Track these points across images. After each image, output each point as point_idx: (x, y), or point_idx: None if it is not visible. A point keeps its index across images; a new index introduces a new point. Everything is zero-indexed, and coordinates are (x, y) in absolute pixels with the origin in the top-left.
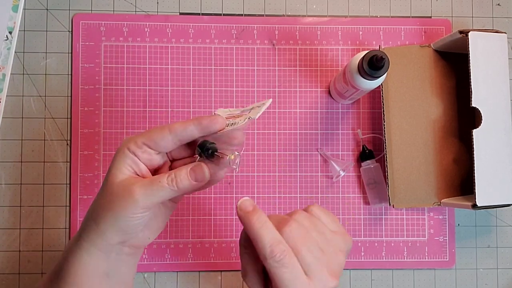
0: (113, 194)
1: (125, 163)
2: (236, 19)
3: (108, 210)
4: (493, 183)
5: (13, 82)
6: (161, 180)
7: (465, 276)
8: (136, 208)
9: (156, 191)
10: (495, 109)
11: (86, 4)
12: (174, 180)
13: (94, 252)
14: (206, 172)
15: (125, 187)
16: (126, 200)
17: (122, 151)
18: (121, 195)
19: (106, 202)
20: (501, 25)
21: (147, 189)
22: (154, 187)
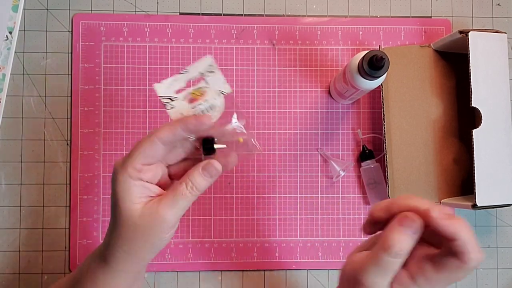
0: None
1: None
2: (236, 19)
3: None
4: (493, 183)
5: (13, 82)
6: (183, 193)
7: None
8: (169, 228)
9: (181, 204)
10: (495, 109)
11: (86, 4)
12: (193, 186)
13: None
14: (218, 167)
15: (151, 215)
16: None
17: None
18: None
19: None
20: (501, 25)
21: (173, 207)
22: (179, 201)
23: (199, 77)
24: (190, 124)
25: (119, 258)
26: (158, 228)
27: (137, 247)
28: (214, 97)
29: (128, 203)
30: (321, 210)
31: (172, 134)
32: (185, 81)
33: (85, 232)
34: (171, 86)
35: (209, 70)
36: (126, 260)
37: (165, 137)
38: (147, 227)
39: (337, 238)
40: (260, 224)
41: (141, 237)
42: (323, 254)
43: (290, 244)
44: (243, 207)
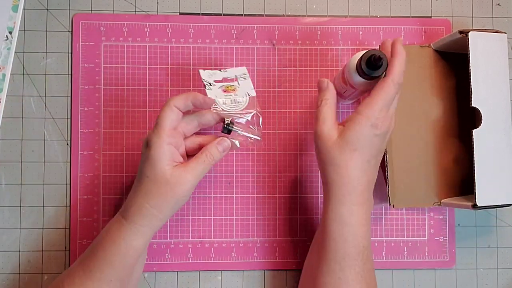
0: (171, 184)
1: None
2: (236, 19)
3: (171, 197)
4: (493, 183)
5: (13, 82)
6: (204, 160)
7: (465, 276)
8: (191, 188)
9: (202, 170)
10: (495, 109)
11: (86, 4)
12: (211, 156)
13: (149, 234)
14: (229, 143)
15: (181, 176)
16: (185, 185)
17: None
18: (179, 183)
19: (167, 192)
20: (501, 25)
21: (196, 172)
22: (200, 167)
23: (233, 78)
24: (197, 100)
25: (144, 213)
26: (184, 187)
27: (164, 202)
28: (242, 95)
29: (162, 163)
30: (321, 210)
31: (183, 102)
32: (222, 77)
33: (85, 232)
34: (211, 76)
35: (242, 76)
36: (151, 215)
37: (179, 104)
38: (177, 184)
39: None
40: (260, 224)
41: (170, 192)
42: None
43: (290, 244)
44: (243, 207)
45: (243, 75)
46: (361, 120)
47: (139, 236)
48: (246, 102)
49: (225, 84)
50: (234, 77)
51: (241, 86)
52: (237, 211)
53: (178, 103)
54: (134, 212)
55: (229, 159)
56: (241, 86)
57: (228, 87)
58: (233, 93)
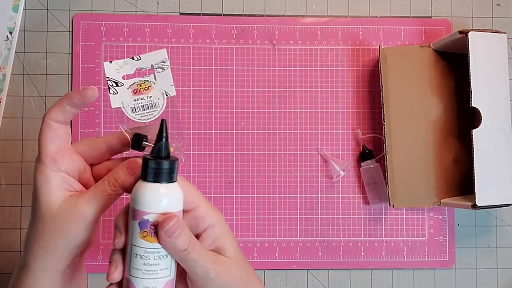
0: (58, 220)
1: (54, 184)
2: (236, 19)
3: (59, 236)
4: (493, 183)
5: (13, 82)
6: (104, 189)
7: (465, 276)
8: (88, 224)
9: (103, 201)
10: (495, 109)
11: (87, 4)
12: (116, 183)
13: (49, 277)
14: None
15: (70, 210)
16: (77, 221)
17: (42, 172)
18: (68, 219)
19: (53, 229)
20: (501, 25)
21: (93, 203)
22: (99, 197)
23: (149, 68)
24: (75, 99)
25: (36, 255)
26: (76, 223)
27: (53, 243)
28: (158, 96)
29: (47, 196)
30: (321, 210)
31: (61, 112)
32: (135, 68)
33: None
34: (121, 70)
35: (161, 66)
36: (44, 258)
37: (56, 116)
38: (65, 221)
39: (337, 238)
40: (260, 224)
41: (58, 231)
42: (323, 254)
43: (290, 244)
44: (243, 207)
45: (162, 64)
46: None
47: (39, 281)
48: (163, 105)
49: (137, 80)
50: (150, 67)
51: (158, 81)
52: (237, 211)
53: (54, 115)
54: (28, 253)
55: (229, 159)
56: (158, 82)
57: (141, 85)
58: (146, 94)
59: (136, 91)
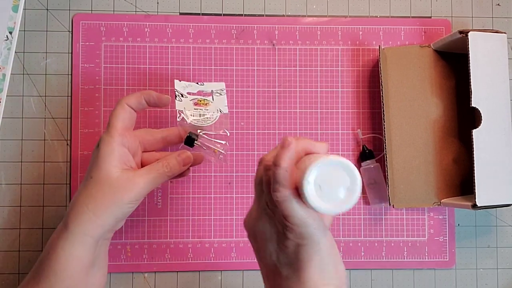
0: (115, 187)
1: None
2: (236, 19)
3: (111, 201)
4: (493, 183)
5: (13, 82)
6: (158, 168)
7: (465, 276)
8: (140, 196)
9: (155, 178)
10: (495, 109)
11: (86, 4)
12: (168, 166)
13: (89, 243)
14: (191, 157)
15: (127, 179)
16: (131, 190)
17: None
18: (124, 187)
19: (108, 195)
20: (501, 25)
21: (148, 178)
22: (153, 174)
23: (209, 92)
24: (151, 97)
25: (81, 217)
26: (129, 192)
27: (103, 205)
28: (213, 111)
29: (109, 165)
30: None
31: (136, 101)
32: (198, 89)
33: None
34: (186, 88)
35: (219, 92)
36: (89, 221)
37: (131, 102)
38: (120, 189)
39: (337, 238)
40: None
41: (112, 197)
42: None
43: None
44: (243, 207)
45: (220, 91)
46: None
47: (78, 244)
48: (215, 118)
49: (198, 97)
50: (210, 92)
51: (215, 101)
52: (237, 211)
53: (130, 101)
54: (72, 217)
55: (229, 159)
56: (215, 102)
57: (201, 101)
58: (204, 108)
59: (196, 104)
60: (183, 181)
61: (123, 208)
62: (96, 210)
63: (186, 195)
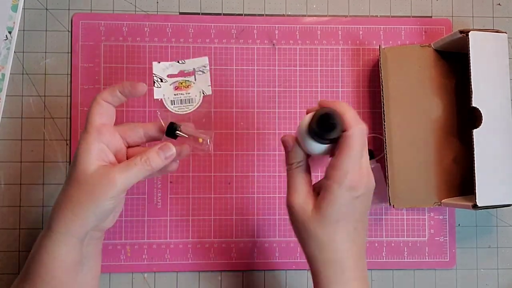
0: (90, 184)
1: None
2: (236, 19)
3: (88, 199)
4: (494, 183)
5: (12, 82)
6: (136, 163)
7: (465, 276)
8: (117, 192)
9: (133, 173)
10: (495, 109)
11: (86, 4)
12: (147, 160)
13: (72, 242)
14: (173, 149)
15: (103, 175)
16: (107, 186)
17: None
18: (100, 183)
19: (84, 191)
20: (502, 25)
21: (125, 173)
22: (131, 169)
23: (191, 71)
24: (126, 88)
25: (62, 218)
26: (105, 188)
27: (81, 205)
28: (195, 93)
29: (85, 162)
30: None
31: (111, 95)
32: (179, 70)
33: None
34: (166, 70)
35: (201, 70)
36: (69, 221)
37: (106, 97)
38: (96, 186)
39: None
40: (260, 224)
41: (89, 195)
42: None
43: (290, 244)
44: (243, 207)
45: (203, 68)
46: (334, 187)
47: (60, 244)
48: (199, 101)
49: (179, 79)
50: (192, 70)
51: (197, 82)
52: (237, 211)
53: (105, 96)
54: (54, 217)
55: (229, 159)
56: (197, 82)
57: (182, 83)
58: (186, 91)
59: (177, 88)
60: (183, 181)
61: (102, 206)
62: (74, 209)
63: (186, 195)
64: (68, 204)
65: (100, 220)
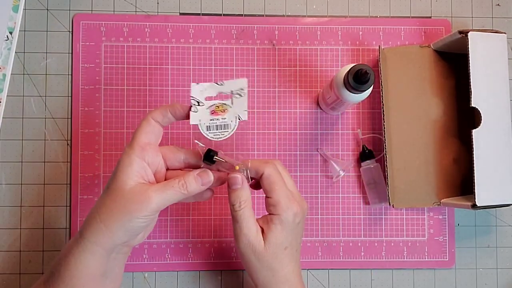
0: (126, 199)
1: (134, 169)
2: (236, 19)
3: (122, 213)
4: (493, 183)
5: (13, 82)
6: (173, 185)
7: (465, 276)
8: (151, 211)
9: (169, 195)
10: (495, 109)
11: (86, 4)
12: (184, 184)
13: (99, 253)
14: (211, 176)
15: (141, 192)
16: (143, 203)
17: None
18: (136, 200)
19: (119, 206)
20: (501, 25)
21: (161, 193)
22: (168, 191)
23: (229, 94)
24: (177, 110)
25: (93, 226)
26: (140, 206)
27: (113, 216)
28: (231, 118)
29: (125, 176)
30: (321, 210)
31: (161, 115)
32: (217, 92)
33: None
34: (204, 91)
35: (239, 92)
36: (98, 229)
37: (157, 116)
38: (131, 201)
39: (337, 238)
40: None
41: (123, 209)
42: (323, 254)
43: None
44: None
45: (240, 91)
46: (279, 219)
47: (88, 252)
48: (234, 127)
49: (216, 102)
50: (230, 93)
51: (234, 105)
52: None
53: (156, 115)
54: (86, 225)
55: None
56: (234, 106)
57: (219, 107)
58: (221, 116)
59: (214, 112)
60: None
61: (133, 222)
62: (106, 220)
63: None
64: (102, 215)
65: (130, 236)
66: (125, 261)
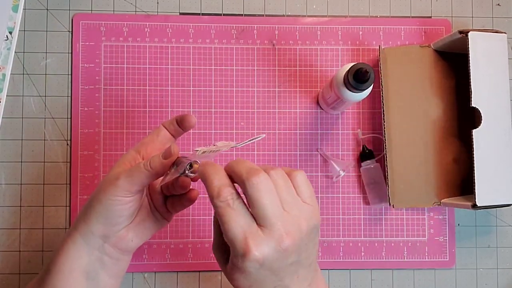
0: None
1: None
2: (236, 19)
3: (94, 196)
4: (493, 183)
5: (13, 82)
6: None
7: (465, 276)
8: (119, 191)
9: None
10: (495, 109)
11: (86, 4)
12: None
13: (79, 241)
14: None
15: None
16: (110, 184)
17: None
18: (108, 182)
19: (95, 191)
20: (501, 25)
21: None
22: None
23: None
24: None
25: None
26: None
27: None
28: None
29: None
30: (321, 210)
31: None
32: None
33: None
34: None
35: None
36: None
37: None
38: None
39: (337, 238)
40: None
41: (96, 193)
42: (324, 254)
43: None
44: None
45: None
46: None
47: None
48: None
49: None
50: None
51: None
52: None
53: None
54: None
55: (229, 159)
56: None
57: None
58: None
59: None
60: None
61: (103, 204)
62: (86, 210)
63: None
64: (84, 206)
65: (104, 223)
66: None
